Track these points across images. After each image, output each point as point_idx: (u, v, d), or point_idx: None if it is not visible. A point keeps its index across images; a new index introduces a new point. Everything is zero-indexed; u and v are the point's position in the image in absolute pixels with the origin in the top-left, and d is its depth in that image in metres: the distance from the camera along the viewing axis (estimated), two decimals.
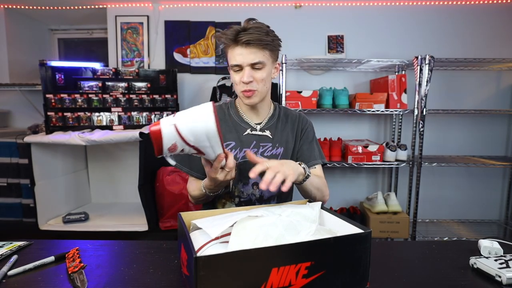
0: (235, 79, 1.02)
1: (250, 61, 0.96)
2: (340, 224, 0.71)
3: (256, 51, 0.96)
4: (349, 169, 2.59)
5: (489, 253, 0.82)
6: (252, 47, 0.95)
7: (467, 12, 2.49)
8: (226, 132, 1.08)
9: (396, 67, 2.46)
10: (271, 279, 0.52)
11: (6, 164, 2.31)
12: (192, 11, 2.55)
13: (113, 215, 2.43)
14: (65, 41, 3.10)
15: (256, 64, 0.97)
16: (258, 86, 1.01)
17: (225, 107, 1.15)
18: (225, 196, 1.10)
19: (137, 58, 2.63)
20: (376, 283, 0.70)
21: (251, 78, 0.98)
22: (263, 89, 1.02)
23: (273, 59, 1.03)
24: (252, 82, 0.99)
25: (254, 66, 0.98)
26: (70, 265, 0.76)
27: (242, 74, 0.99)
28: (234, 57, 0.98)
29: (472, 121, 2.55)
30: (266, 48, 0.98)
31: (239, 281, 0.52)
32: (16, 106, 2.79)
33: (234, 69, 1.00)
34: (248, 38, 0.94)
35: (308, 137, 1.16)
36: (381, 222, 2.17)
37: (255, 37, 0.94)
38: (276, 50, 1.03)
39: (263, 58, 0.98)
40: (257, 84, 1.00)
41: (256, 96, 1.02)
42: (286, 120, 1.15)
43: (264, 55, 0.98)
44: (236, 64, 0.98)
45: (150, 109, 2.36)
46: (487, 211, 2.62)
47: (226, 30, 0.98)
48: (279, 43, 1.03)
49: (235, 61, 0.98)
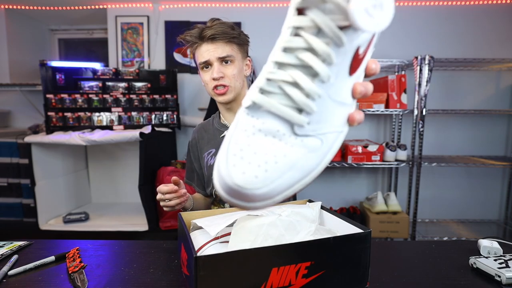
0: (205, 79, 0.98)
1: (218, 55, 0.93)
2: (340, 224, 0.71)
3: (223, 45, 0.94)
4: (349, 169, 2.59)
5: (489, 253, 0.82)
6: (218, 41, 0.93)
7: (467, 12, 2.49)
8: (207, 142, 1.07)
9: (396, 67, 2.46)
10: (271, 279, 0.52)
11: (7, 164, 2.31)
12: (192, 11, 2.55)
13: (113, 215, 2.43)
14: (65, 41, 3.10)
15: (225, 58, 0.94)
16: (230, 82, 0.97)
17: (212, 119, 1.13)
18: (215, 203, 1.10)
19: (137, 58, 2.63)
20: (376, 283, 0.70)
21: (221, 73, 0.95)
22: (236, 85, 0.98)
23: (243, 55, 1.00)
24: (223, 78, 0.95)
25: (224, 60, 0.95)
26: (71, 265, 0.77)
27: (211, 70, 0.95)
28: (201, 55, 0.95)
29: (472, 121, 2.55)
30: (233, 42, 0.95)
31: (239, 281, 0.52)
32: (16, 106, 2.79)
33: (203, 68, 0.97)
34: (213, 32, 0.92)
35: None
36: (381, 222, 2.17)
37: (220, 31, 0.92)
38: (245, 45, 1.00)
39: (232, 52, 0.95)
40: (229, 80, 0.96)
41: (230, 93, 0.98)
42: None
43: (232, 49, 0.95)
44: (204, 61, 0.95)
45: (150, 109, 2.36)
46: (486, 211, 2.62)
47: (189, 31, 0.96)
48: (246, 38, 1.00)
49: (203, 58, 0.95)
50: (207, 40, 0.93)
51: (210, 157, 1.06)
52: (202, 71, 0.98)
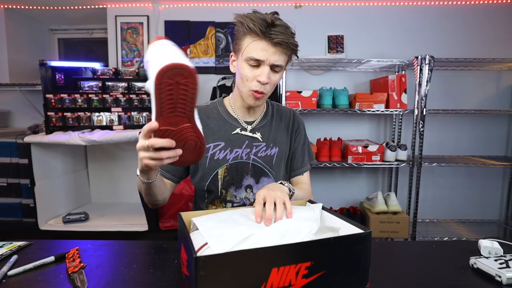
0: (247, 74, 0.91)
1: (273, 62, 0.88)
2: (340, 224, 0.71)
3: (281, 53, 0.89)
4: (349, 169, 2.59)
5: (489, 253, 0.82)
6: (279, 48, 0.88)
7: (467, 12, 2.49)
8: (215, 130, 1.01)
9: (396, 67, 2.46)
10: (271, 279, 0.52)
11: (6, 164, 2.31)
12: (192, 11, 2.55)
13: (113, 215, 2.43)
14: (65, 41, 3.10)
15: (276, 67, 0.90)
16: (270, 90, 0.94)
17: (213, 106, 1.06)
18: (215, 202, 1.03)
19: (137, 58, 2.63)
20: (376, 283, 0.70)
21: (268, 80, 0.90)
22: (270, 93, 0.96)
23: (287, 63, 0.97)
24: (267, 85, 0.91)
25: (273, 68, 0.90)
26: (70, 265, 0.76)
27: (259, 72, 0.90)
28: (256, 51, 0.88)
29: (472, 121, 2.55)
30: (289, 53, 0.91)
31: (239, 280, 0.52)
32: (16, 106, 2.79)
33: (251, 63, 0.90)
34: (281, 38, 0.86)
35: (301, 140, 1.12)
36: (381, 222, 2.17)
37: (286, 39, 0.86)
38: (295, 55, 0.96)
39: (283, 62, 0.91)
40: (270, 87, 0.93)
41: (264, 99, 0.96)
42: (280, 118, 1.09)
43: (285, 59, 0.92)
44: (256, 59, 0.88)
45: (150, 109, 2.35)
46: (487, 211, 2.61)
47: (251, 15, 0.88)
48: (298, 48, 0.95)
49: (257, 56, 0.88)
50: (269, 41, 0.86)
51: (218, 151, 1.00)
52: (246, 64, 0.90)
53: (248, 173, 1.02)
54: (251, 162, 1.02)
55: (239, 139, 1.01)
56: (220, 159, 1.00)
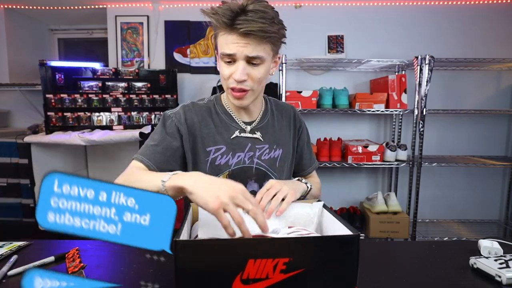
0: (224, 72, 0.82)
1: (247, 54, 0.78)
2: (334, 224, 0.70)
3: (256, 43, 0.77)
4: (349, 169, 2.59)
5: (489, 253, 0.82)
6: (252, 38, 0.76)
7: (467, 12, 2.49)
8: (213, 134, 0.93)
9: (396, 67, 2.46)
10: (248, 269, 0.54)
11: (6, 164, 2.31)
12: (192, 11, 2.55)
13: None
14: (65, 41, 3.10)
15: (254, 59, 0.79)
16: (253, 86, 0.83)
17: (210, 104, 0.96)
18: None
19: (137, 58, 2.63)
20: (376, 283, 0.70)
21: (245, 76, 0.80)
22: (257, 89, 0.85)
23: (274, 53, 0.85)
24: (246, 81, 0.81)
25: (251, 61, 0.80)
26: (70, 265, 0.76)
27: (234, 68, 0.81)
28: (227, 45, 0.78)
29: (472, 121, 2.55)
30: (268, 41, 0.79)
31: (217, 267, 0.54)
32: (16, 106, 2.79)
33: (225, 60, 0.81)
34: (249, 28, 0.74)
35: (305, 138, 1.07)
36: (381, 222, 2.17)
37: (258, 27, 0.75)
38: (280, 42, 0.84)
39: (263, 53, 0.79)
40: (252, 83, 0.83)
41: (249, 97, 0.86)
42: (280, 115, 1.02)
43: (265, 49, 0.80)
44: (228, 54, 0.79)
45: (150, 109, 2.36)
46: (487, 211, 2.61)
47: (217, 7, 0.77)
48: (284, 33, 0.84)
49: (228, 50, 0.78)
50: (238, 32, 0.75)
51: (220, 155, 0.93)
52: (222, 62, 0.82)
53: (251, 178, 0.97)
54: (255, 166, 0.96)
55: (240, 142, 0.94)
56: (222, 165, 0.93)
